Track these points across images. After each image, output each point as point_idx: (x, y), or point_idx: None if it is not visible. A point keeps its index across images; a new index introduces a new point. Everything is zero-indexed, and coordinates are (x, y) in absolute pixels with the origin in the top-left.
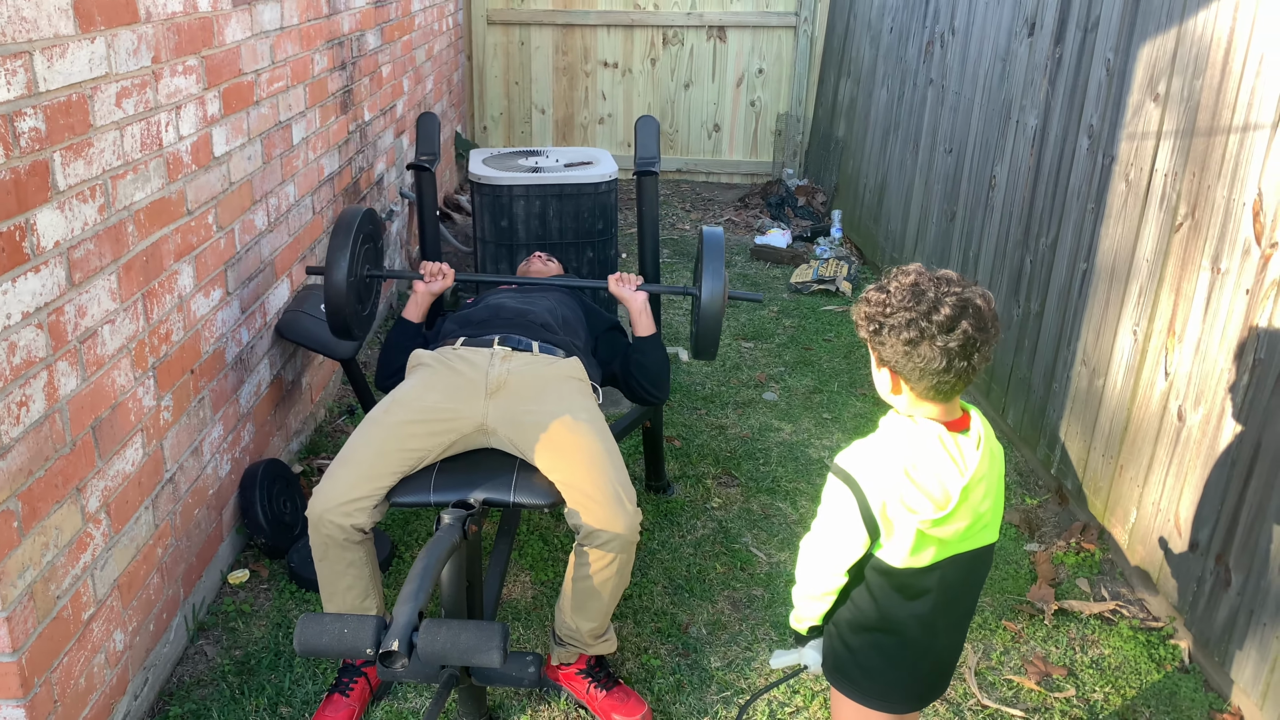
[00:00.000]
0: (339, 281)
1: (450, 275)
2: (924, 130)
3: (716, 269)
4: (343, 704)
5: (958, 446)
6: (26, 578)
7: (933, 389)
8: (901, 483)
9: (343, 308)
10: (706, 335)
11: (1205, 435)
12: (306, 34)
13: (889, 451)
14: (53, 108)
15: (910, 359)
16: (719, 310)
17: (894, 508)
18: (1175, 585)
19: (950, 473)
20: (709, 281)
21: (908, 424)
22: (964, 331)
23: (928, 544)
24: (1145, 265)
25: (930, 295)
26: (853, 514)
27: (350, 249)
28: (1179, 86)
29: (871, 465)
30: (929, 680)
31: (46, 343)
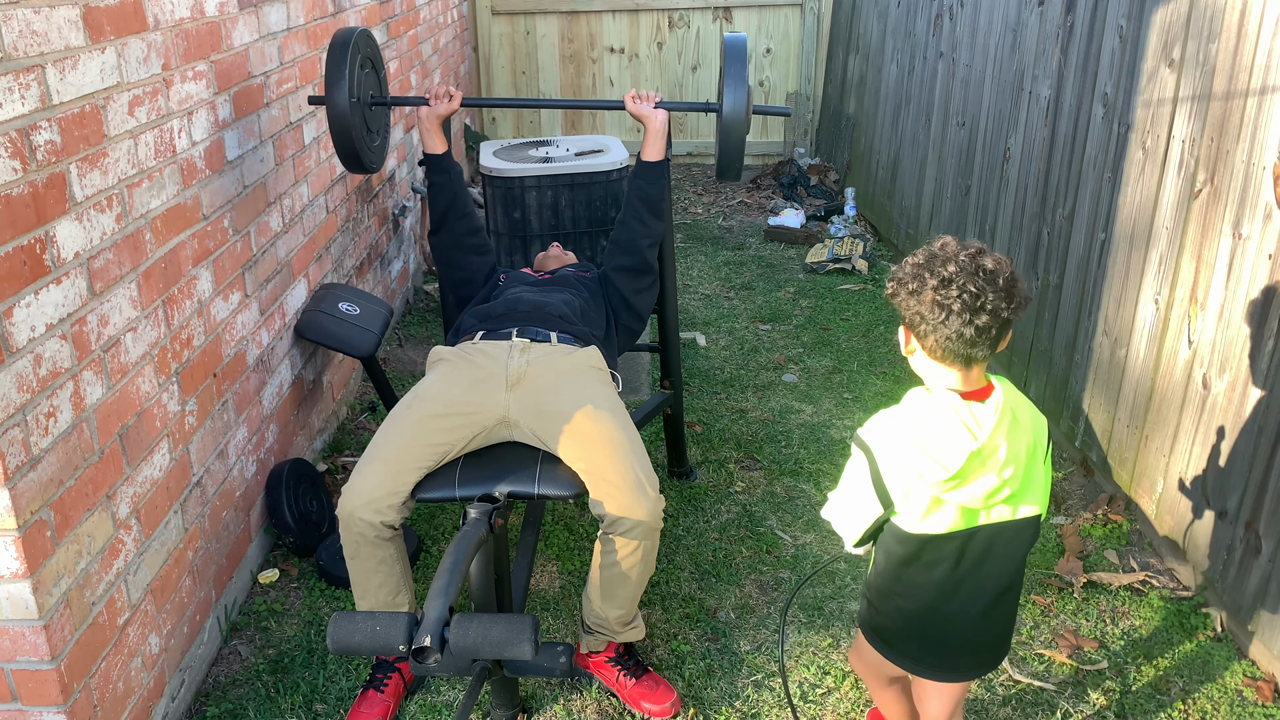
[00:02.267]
0: (341, 104)
1: (457, 97)
2: (935, 104)
3: (739, 79)
4: (377, 700)
5: (972, 414)
6: (62, 586)
7: (939, 347)
8: (911, 450)
9: (349, 132)
10: (730, 151)
11: (1231, 402)
12: (313, 33)
13: (903, 421)
14: (67, 119)
15: (916, 311)
16: (743, 124)
17: (904, 474)
18: (1205, 554)
19: (961, 438)
20: (731, 93)
21: (924, 394)
22: (963, 287)
23: (945, 511)
24: (1165, 233)
25: (941, 255)
26: (864, 481)
27: (348, 69)
28: (1194, 51)
29: (885, 434)
30: (959, 650)
31: (71, 353)
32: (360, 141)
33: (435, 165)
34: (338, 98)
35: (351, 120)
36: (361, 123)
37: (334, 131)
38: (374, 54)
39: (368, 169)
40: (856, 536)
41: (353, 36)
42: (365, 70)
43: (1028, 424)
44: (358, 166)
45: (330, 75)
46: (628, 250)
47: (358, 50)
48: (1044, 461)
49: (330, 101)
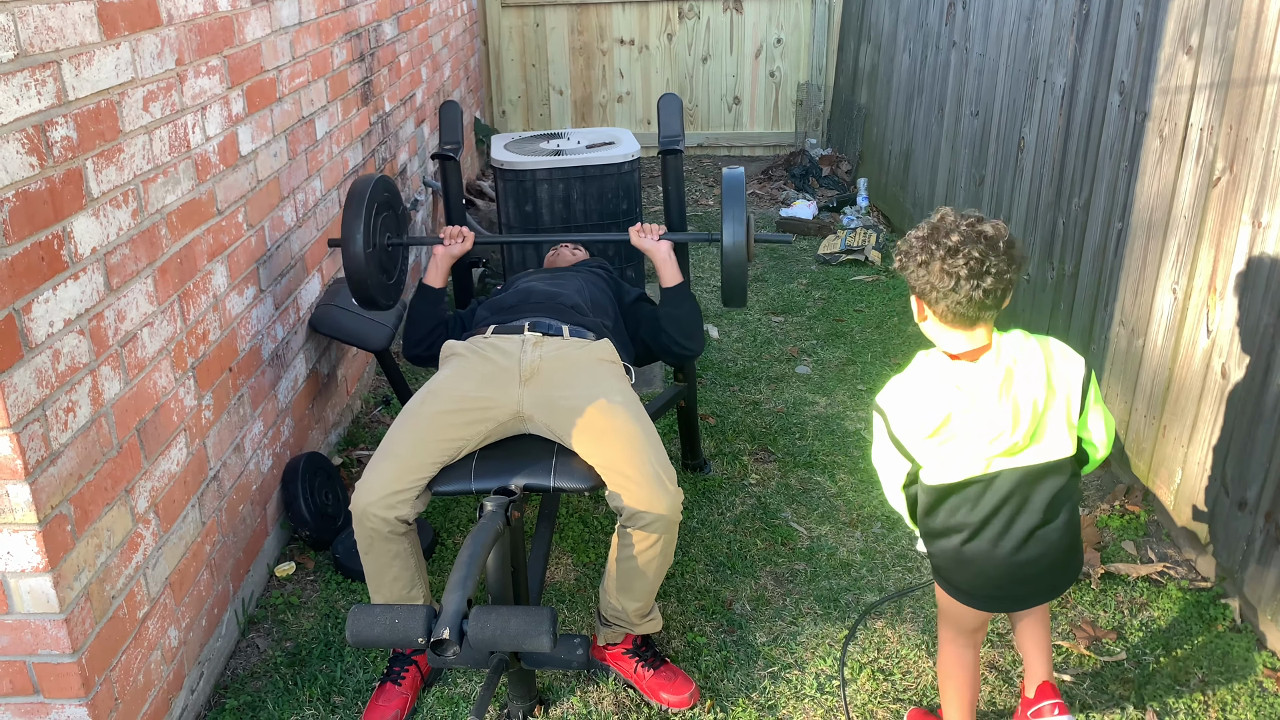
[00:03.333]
0: (357, 253)
1: (470, 238)
2: (948, 94)
3: (737, 213)
4: (395, 692)
5: (960, 374)
6: (83, 579)
7: (951, 311)
8: (911, 409)
9: (364, 279)
10: (732, 282)
11: (1250, 392)
12: (325, 27)
13: (905, 382)
14: (83, 115)
15: (926, 280)
16: (743, 256)
17: (910, 431)
18: (1224, 544)
19: (945, 397)
20: (730, 226)
21: (923, 357)
22: (968, 255)
23: (953, 461)
24: (1183, 222)
25: (943, 226)
26: (885, 441)
27: (364, 219)
28: (1212, 37)
29: (894, 399)
30: (998, 586)
31: (89, 348)
32: (375, 283)
33: (428, 297)
34: (354, 248)
35: (368, 268)
36: (377, 267)
37: (350, 277)
38: (392, 196)
39: (382, 307)
40: (896, 490)
41: (369, 187)
42: (383, 215)
43: (1042, 376)
44: (372, 305)
45: (347, 223)
46: (672, 357)
47: (373, 199)
48: (1087, 402)
49: (346, 248)
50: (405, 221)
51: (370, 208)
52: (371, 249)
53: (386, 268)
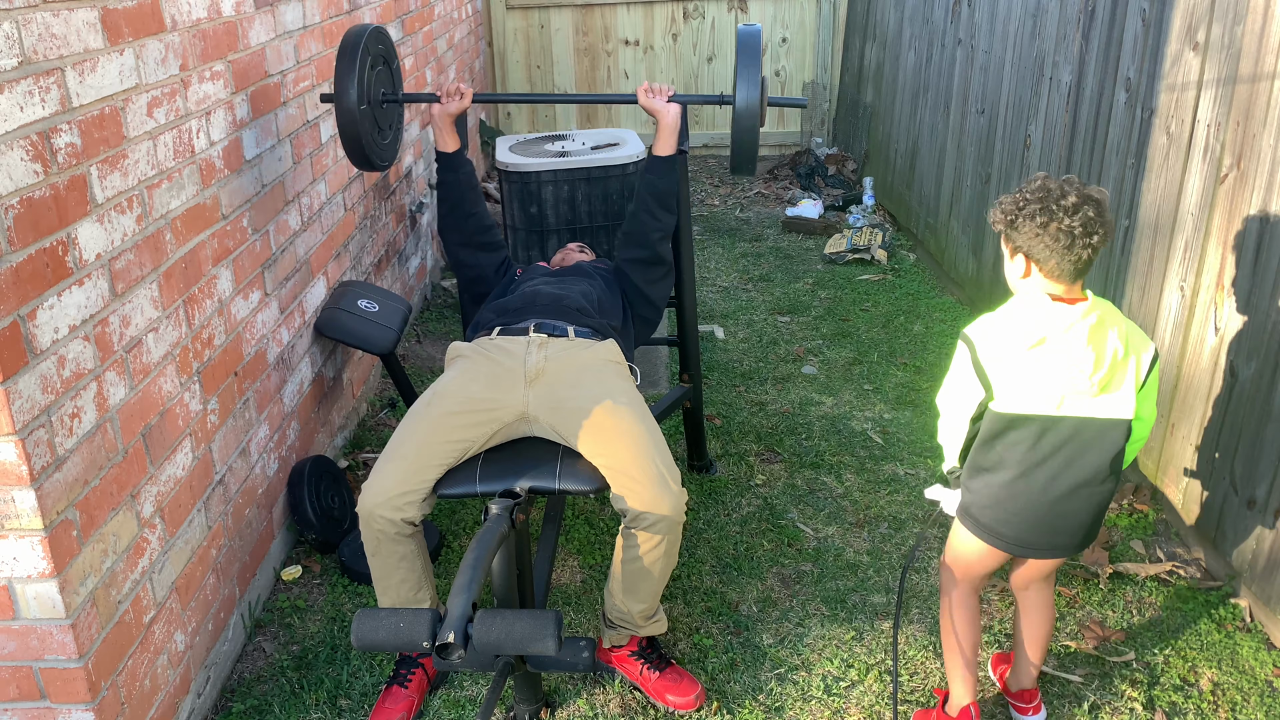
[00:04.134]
0: (350, 107)
1: (468, 95)
2: (954, 92)
3: (752, 73)
4: (401, 695)
5: (1056, 306)
6: (89, 584)
7: (1059, 267)
8: (1003, 336)
9: (358, 134)
10: (744, 146)
11: (1259, 390)
12: (329, 31)
13: (1000, 317)
14: (87, 122)
15: (1041, 239)
16: (755, 117)
17: (997, 356)
18: (1233, 543)
19: (1041, 320)
20: (744, 85)
21: (1021, 298)
22: (1085, 214)
23: (1029, 394)
24: (1190, 219)
25: (1056, 189)
26: (967, 367)
27: (358, 69)
28: (1219, 34)
29: (984, 328)
30: (1032, 529)
31: (94, 354)
32: (369, 140)
33: (446, 163)
34: (347, 98)
35: (360, 121)
36: (371, 122)
37: (342, 131)
38: (387, 51)
39: (376, 167)
40: (964, 420)
41: (364, 36)
42: (377, 68)
43: (1122, 336)
44: (366, 164)
45: (340, 77)
46: (639, 243)
47: (368, 50)
48: (1143, 383)
49: (339, 101)
50: (399, 78)
51: (364, 60)
52: (366, 104)
53: (381, 125)
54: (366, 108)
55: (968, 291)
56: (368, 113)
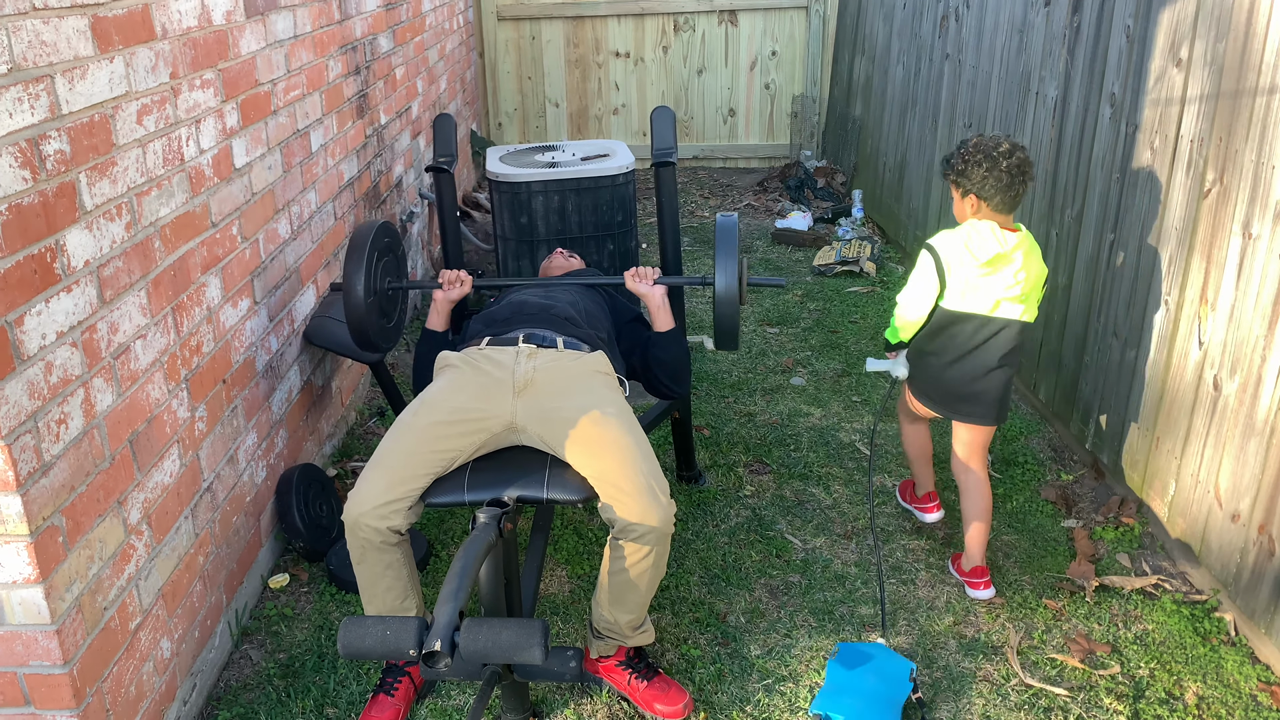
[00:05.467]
0: (358, 302)
1: (469, 282)
2: (942, 106)
3: (729, 260)
4: (388, 704)
5: (1002, 233)
6: (74, 591)
7: (1002, 203)
8: (961, 246)
9: (365, 326)
10: (725, 327)
11: (1243, 404)
12: (320, 40)
13: (960, 235)
14: (76, 129)
15: (988, 181)
16: (735, 301)
17: (955, 261)
18: (1217, 557)
19: (992, 243)
20: (722, 274)
21: (974, 225)
22: (1018, 158)
23: (972, 296)
24: (1174, 233)
25: (991, 142)
26: (930, 269)
27: (366, 266)
28: (1202, 50)
29: (946, 242)
30: (951, 396)
31: (81, 360)
32: (376, 331)
33: (433, 341)
34: (355, 294)
35: (367, 315)
36: (377, 313)
37: (350, 323)
38: (393, 242)
39: (380, 350)
40: (922, 312)
41: (370, 234)
42: (384, 259)
43: (1039, 260)
44: (371, 349)
45: (349, 272)
46: (650, 390)
47: (375, 244)
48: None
49: (348, 297)
50: (405, 263)
51: (371, 256)
52: (373, 296)
53: (386, 311)
54: (374, 299)
55: None
56: (374, 304)
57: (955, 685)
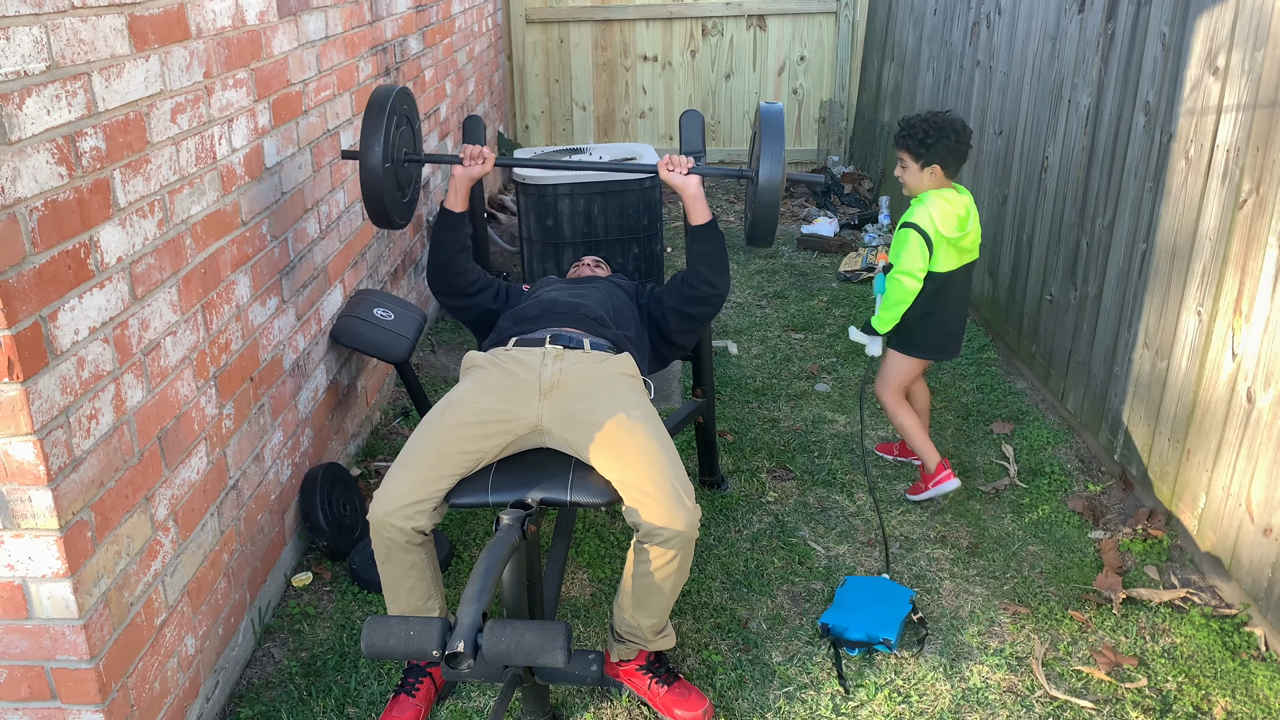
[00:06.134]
0: (375, 165)
1: (490, 159)
2: (972, 113)
3: (775, 149)
4: (409, 704)
5: (955, 197)
6: (101, 586)
7: (957, 170)
8: (938, 217)
9: (381, 193)
10: (763, 221)
11: (1276, 416)
12: (351, 42)
13: (930, 210)
14: (112, 126)
15: (951, 152)
16: (776, 194)
17: (935, 230)
18: (1248, 571)
19: (958, 207)
20: (767, 163)
21: (933, 196)
22: (966, 129)
23: (951, 255)
24: (1208, 244)
25: (945, 118)
26: (918, 248)
27: (385, 130)
28: (1239, 59)
29: (922, 219)
30: (943, 341)
31: (113, 356)
32: (391, 201)
33: (450, 221)
34: (372, 160)
35: (384, 182)
36: (394, 183)
37: (365, 192)
38: (411, 111)
39: (395, 225)
40: (917, 288)
41: (390, 96)
42: (401, 128)
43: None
44: (386, 223)
45: (366, 133)
46: (696, 302)
47: (394, 110)
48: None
49: (364, 159)
50: (421, 139)
51: (390, 119)
52: (389, 163)
53: (402, 184)
54: (390, 166)
55: (983, 312)
56: (390, 171)
57: (979, 695)
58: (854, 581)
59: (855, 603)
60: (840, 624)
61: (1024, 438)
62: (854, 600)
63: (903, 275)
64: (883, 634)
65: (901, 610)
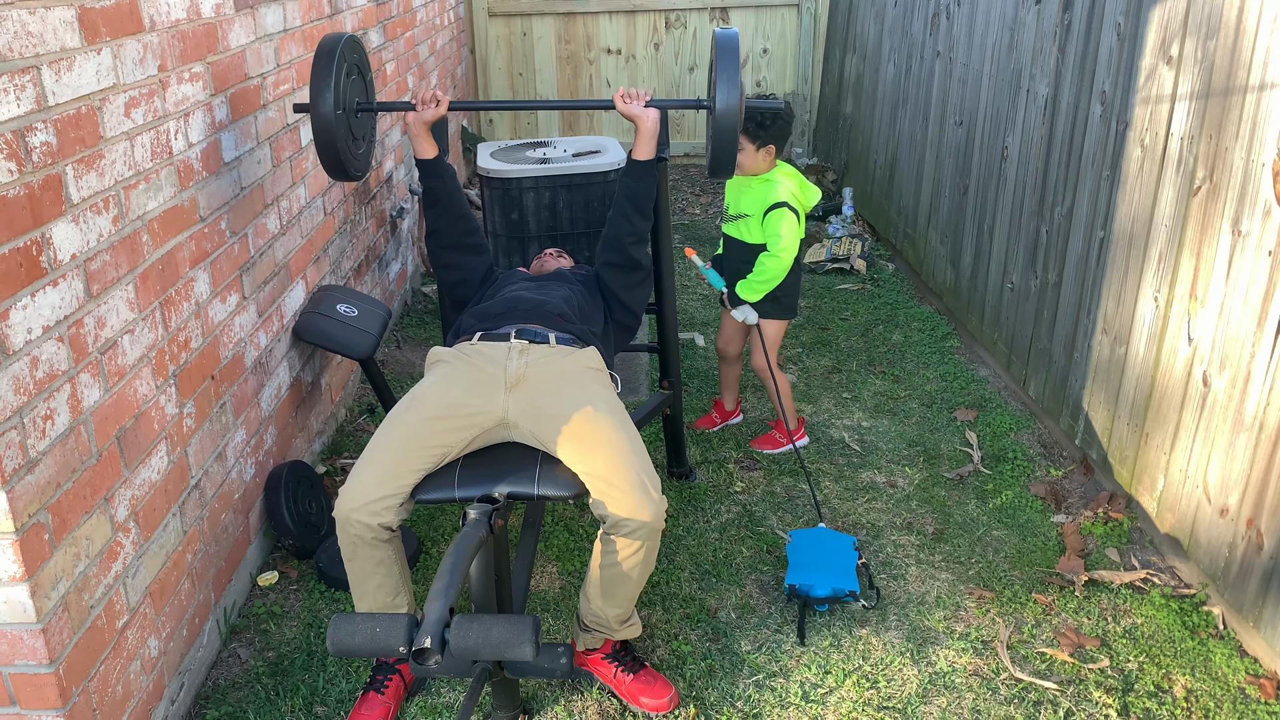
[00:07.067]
0: (326, 113)
1: (444, 102)
2: (933, 104)
3: (731, 76)
4: (378, 702)
5: (791, 171)
6: (60, 589)
7: (782, 148)
8: (798, 192)
9: (334, 141)
10: (723, 149)
11: (1231, 400)
12: (310, 35)
13: (792, 188)
14: (63, 121)
15: (783, 132)
16: (735, 121)
17: (799, 204)
18: (1207, 551)
19: (797, 182)
20: (723, 90)
21: (781, 175)
22: (792, 112)
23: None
24: (1164, 230)
25: (772, 106)
26: (795, 224)
27: (334, 77)
28: (1192, 48)
29: (790, 193)
30: (797, 300)
31: (68, 355)
32: (345, 150)
33: (429, 170)
34: (322, 106)
35: (336, 129)
36: (346, 131)
37: (318, 141)
38: (361, 60)
39: (351, 177)
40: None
41: (339, 44)
42: (352, 77)
43: None
44: (341, 174)
45: (315, 83)
46: (616, 248)
47: (344, 57)
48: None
49: (315, 107)
50: (373, 91)
51: (340, 67)
52: (341, 110)
53: (356, 135)
54: (341, 113)
55: (946, 301)
56: (343, 119)
57: (946, 679)
58: (799, 536)
59: (809, 560)
60: (805, 583)
61: (987, 424)
62: (807, 557)
63: (784, 252)
64: (846, 587)
65: (852, 559)
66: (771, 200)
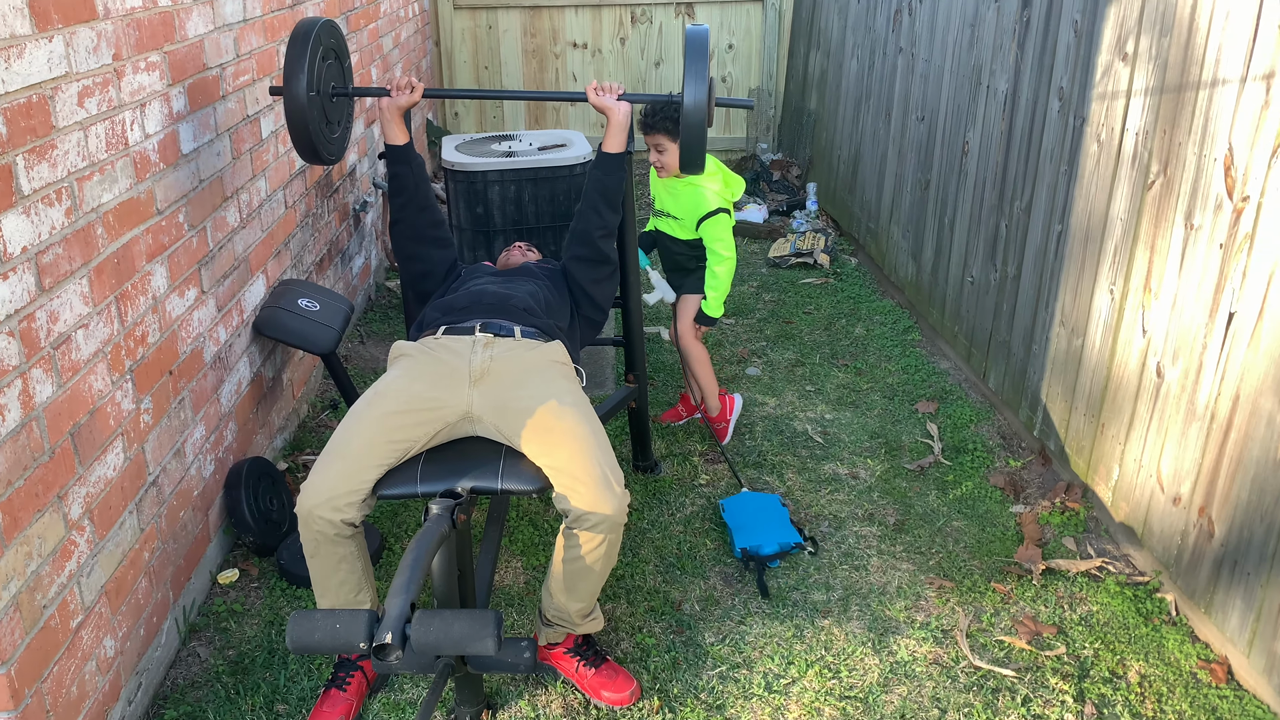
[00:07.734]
0: (299, 95)
1: (419, 89)
2: (895, 99)
3: (699, 70)
4: (340, 699)
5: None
6: (11, 589)
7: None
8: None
9: (306, 124)
10: (692, 143)
11: (1184, 390)
12: (270, 25)
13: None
14: (13, 110)
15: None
16: (704, 116)
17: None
18: (1160, 540)
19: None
20: (691, 85)
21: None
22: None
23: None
24: (1119, 224)
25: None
26: (729, 219)
27: (309, 60)
28: (1147, 45)
29: (724, 196)
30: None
31: (19, 350)
32: (318, 133)
33: (396, 156)
34: (296, 89)
35: (310, 112)
36: (320, 115)
37: (291, 123)
38: (338, 45)
39: (325, 161)
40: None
41: (315, 27)
42: (328, 61)
43: None
44: (314, 158)
45: (290, 66)
46: (584, 241)
47: (320, 41)
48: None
49: (289, 92)
50: (350, 77)
51: (315, 50)
52: (315, 93)
53: (331, 119)
54: (316, 96)
55: (907, 295)
56: (316, 102)
57: (906, 668)
58: (730, 504)
59: (748, 522)
60: (754, 544)
61: (948, 416)
62: (746, 520)
63: (728, 256)
64: (791, 540)
65: (784, 514)
66: (703, 210)
